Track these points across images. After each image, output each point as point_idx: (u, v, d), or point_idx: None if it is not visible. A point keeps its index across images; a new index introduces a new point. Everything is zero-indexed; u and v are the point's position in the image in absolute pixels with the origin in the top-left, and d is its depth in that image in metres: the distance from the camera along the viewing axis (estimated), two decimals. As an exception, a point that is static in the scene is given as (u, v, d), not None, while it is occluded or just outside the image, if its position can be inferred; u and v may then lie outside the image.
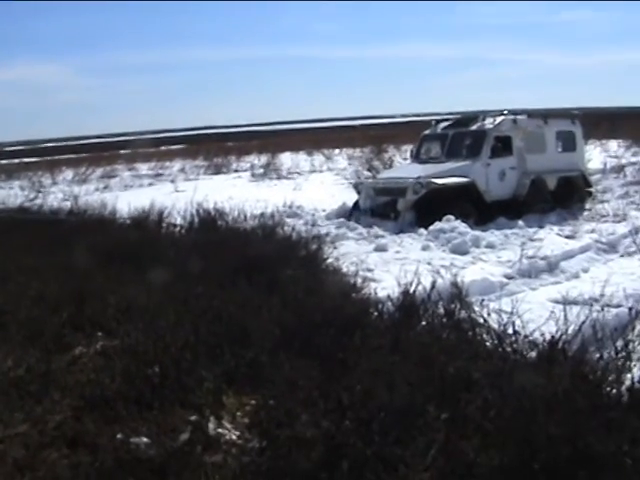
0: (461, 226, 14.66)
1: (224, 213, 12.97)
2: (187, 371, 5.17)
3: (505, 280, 10.77)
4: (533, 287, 10.61)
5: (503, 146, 18.38)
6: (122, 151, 67.48)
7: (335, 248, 11.35)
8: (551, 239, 14.16)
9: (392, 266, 11.54)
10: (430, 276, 8.43)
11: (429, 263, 11.79)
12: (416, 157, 20.04)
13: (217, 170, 42.18)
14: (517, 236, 14.58)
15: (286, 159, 43.95)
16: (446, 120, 20.90)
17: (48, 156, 68.14)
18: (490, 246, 13.64)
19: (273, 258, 8.61)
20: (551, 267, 11.58)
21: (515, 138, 18.48)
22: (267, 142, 60.16)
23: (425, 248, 13.46)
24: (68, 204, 19.48)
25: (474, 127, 18.88)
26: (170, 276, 8.32)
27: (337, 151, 48.18)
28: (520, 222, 15.93)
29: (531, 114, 19.98)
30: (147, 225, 12.83)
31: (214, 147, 56.77)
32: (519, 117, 19.04)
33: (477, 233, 14.30)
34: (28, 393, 5.29)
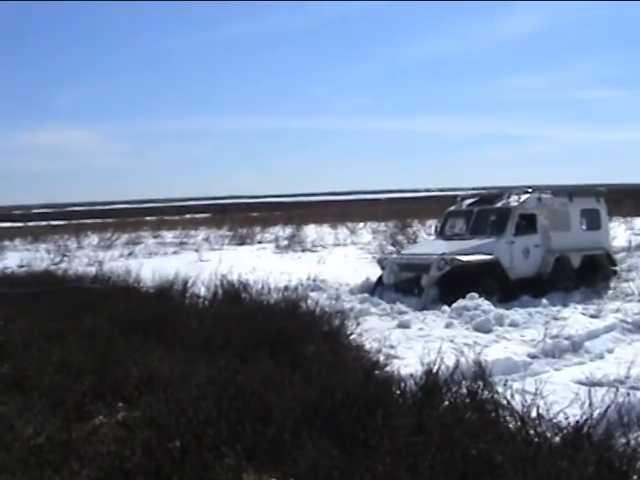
0: (484, 304, 14.57)
1: (248, 285, 12.98)
2: (208, 446, 5.13)
3: (529, 360, 10.66)
4: (557, 367, 10.50)
5: (528, 224, 18.36)
6: (148, 218, 68.09)
7: (358, 324, 11.30)
8: (575, 318, 14.02)
9: (415, 343, 11.47)
10: (453, 355, 8.37)
11: (452, 341, 11.69)
12: (440, 233, 20.03)
13: (241, 241, 42.39)
14: (541, 315, 14.46)
15: (310, 231, 44.10)
16: (471, 196, 20.91)
17: (74, 220, 68.93)
18: (514, 324, 13.53)
19: (296, 333, 8.61)
20: (575, 347, 11.47)
21: (540, 216, 18.46)
22: (292, 213, 60.55)
23: (448, 325, 13.37)
24: (93, 269, 19.61)
25: (499, 204, 18.89)
26: (193, 348, 8.34)
27: (361, 225, 48.38)
28: (544, 300, 15.81)
29: (556, 192, 19.92)
30: (171, 295, 12.86)
31: (239, 217, 57.20)
32: (544, 195, 19.01)
33: (501, 311, 14.19)
34: (47, 462, 5.28)
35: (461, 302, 14.74)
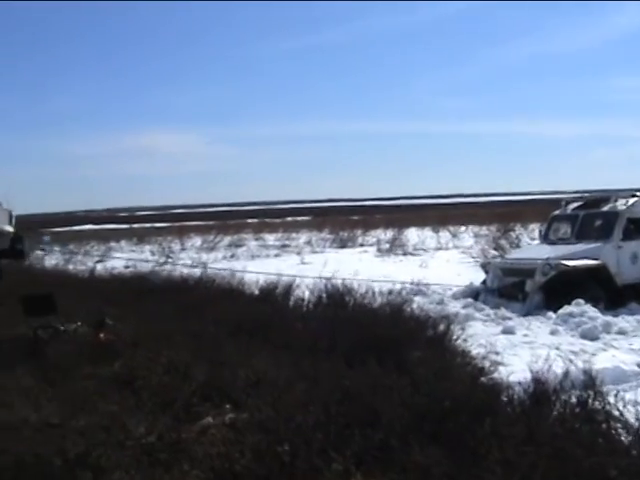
0: (591, 310, 14.26)
1: (352, 289, 13.00)
2: (317, 451, 5.14)
3: (638, 369, 10.40)
4: (669, 379, 10.20)
5: (636, 228, 17.85)
6: (249, 220, 68.95)
7: (463, 329, 11.22)
8: (686, 327, 13.61)
9: (520, 350, 11.34)
10: (560, 362, 8.23)
11: (558, 348, 11.48)
12: (545, 238, 19.69)
13: (343, 244, 42.56)
14: (650, 323, 14.08)
15: (412, 235, 44.01)
16: (575, 200, 20.52)
17: (177, 222, 70.37)
18: (622, 332, 13.20)
19: (401, 337, 8.59)
20: (687, 358, 11.14)
21: (648, 220, 17.96)
22: (393, 217, 60.52)
23: (554, 332, 13.14)
24: (196, 271, 19.94)
25: (605, 208, 18.43)
26: (298, 350, 8.39)
27: (463, 228, 48.02)
28: (654, 308, 15.44)
29: (665, 195, 19.41)
30: (275, 297, 12.98)
31: (340, 220, 57.42)
32: (653, 198, 18.50)
33: (608, 318, 13.88)
34: (158, 461, 5.38)
35: (567, 308, 14.46)
